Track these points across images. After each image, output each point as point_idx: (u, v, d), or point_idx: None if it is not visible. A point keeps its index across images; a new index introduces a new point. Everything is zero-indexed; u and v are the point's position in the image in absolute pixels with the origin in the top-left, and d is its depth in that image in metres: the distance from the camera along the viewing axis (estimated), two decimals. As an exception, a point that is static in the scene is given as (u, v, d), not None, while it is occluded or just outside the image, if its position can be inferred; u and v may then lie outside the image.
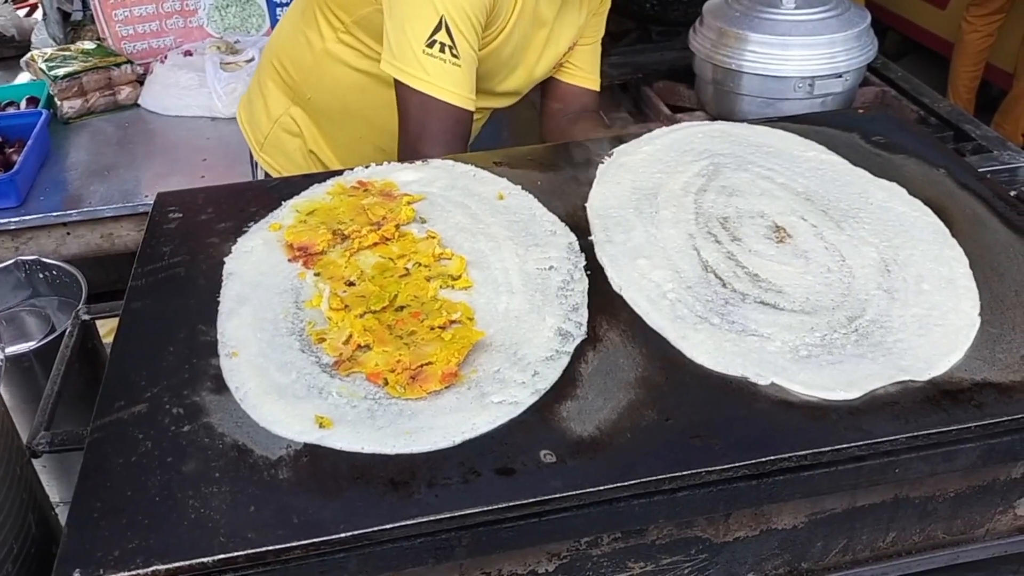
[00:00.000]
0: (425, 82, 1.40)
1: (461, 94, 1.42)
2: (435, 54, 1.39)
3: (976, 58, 4.22)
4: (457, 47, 1.39)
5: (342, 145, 1.73)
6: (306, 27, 1.64)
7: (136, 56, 2.82)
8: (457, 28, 1.39)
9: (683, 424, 0.88)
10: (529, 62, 1.63)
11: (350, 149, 1.71)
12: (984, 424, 0.88)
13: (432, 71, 1.40)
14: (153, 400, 0.93)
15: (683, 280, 1.07)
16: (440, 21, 1.38)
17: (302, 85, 1.70)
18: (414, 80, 1.41)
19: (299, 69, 1.69)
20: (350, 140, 1.71)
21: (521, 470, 0.84)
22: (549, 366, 0.95)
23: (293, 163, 1.76)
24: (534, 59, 1.64)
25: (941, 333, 0.97)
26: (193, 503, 0.82)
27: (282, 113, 1.74)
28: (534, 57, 1.63)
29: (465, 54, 1.41)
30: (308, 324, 1.01)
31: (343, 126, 1.70)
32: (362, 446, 0.86)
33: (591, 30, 1.74)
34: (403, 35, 1.40)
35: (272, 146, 1.77)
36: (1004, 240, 1.13)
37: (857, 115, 1.48)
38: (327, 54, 1.61)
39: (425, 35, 1.38)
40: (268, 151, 1.78)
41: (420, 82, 1.40)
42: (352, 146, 1.70)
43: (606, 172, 1.29)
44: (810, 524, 0.93)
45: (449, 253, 1.11)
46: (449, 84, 1.41)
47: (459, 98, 1.42)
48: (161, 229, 1.21)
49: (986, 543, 1.01)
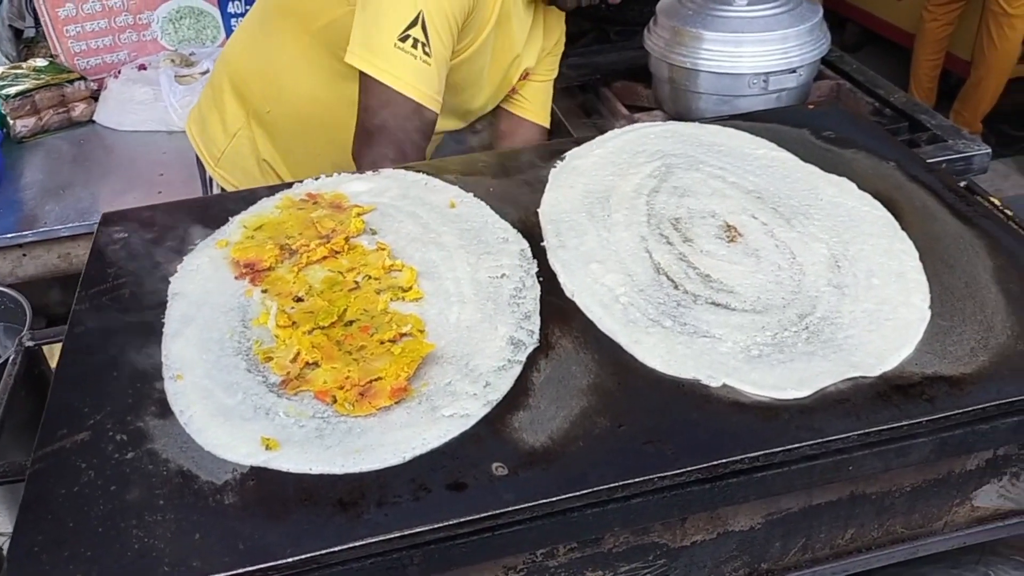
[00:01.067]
0: (391, 75, 1.36)
1: (427, 93, 1.39)
2: (407, 49, 1.35)
3: (936, 47, 4.26)
4: (430, 45, 1.36)
5: (299, 161, 1.70)
6: (266, 39, 1.62)
7: (89, 72, 2.78)
8: (433, 26, 1.36)
9: (636, 430, 0.88)
10: (495, 82, 1.63)
11: (307, 165, 1.68)
12: (935, 418, 0.88)
13: (401, 65, 1.36)
14: (96, 427, 0.91)
15: (635, 283, 1.06)
16: (418, 16, 1.35)
17: (261, 99, 1.67)
18: (380, 72, 1.37)
19: (258, 83, 1.66)
20: (308, 156, 1.68)
21: (473, 484, 0.83)
22: (501, 376, 0.94)
23: (250, 177, 1.73)
24: (499, 80, 1.64)
25: (891, 328, 0.97)
26: (137, 532, 0.80)
27: (240, 127, 1.71)
28: (499, 78, 1.63)
29: (437, 54, 1.38)
30: (255, 343, 0.99)
31: (302, 142, 1.67)
32: (310, 467, 0.84)
33: (544, 67, 1.75)
34: (376, 27, 1.37)
35: (229, 161, 1.74)
36: (953, 231, 1.13)
37: (807, 111, 1.48)
38: (287, 67, 1.59)
39: (400, 28, 1.35)
40: (225, 166, 1.75)
41: (386, 75, 1.36)
42: (309, 162, 1.67)
43: (558, 176, 1.28)
44: (767, 524, 0.93)
45: (400, 264, 1.10)
46: (416, 81, 1.37)
47: (424, 96, 1.39)
48: (106, 250, 1.18)
49: (945, 535, 1.01)
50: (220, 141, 1.75)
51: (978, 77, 4.05)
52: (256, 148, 1.71)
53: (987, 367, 0.92)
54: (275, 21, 1.60)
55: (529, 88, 1.74)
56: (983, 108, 4.10)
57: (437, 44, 1.37)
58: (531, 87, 1.74)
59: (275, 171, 1.73)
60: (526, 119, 1.76)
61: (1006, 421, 0.90)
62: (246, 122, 1.71)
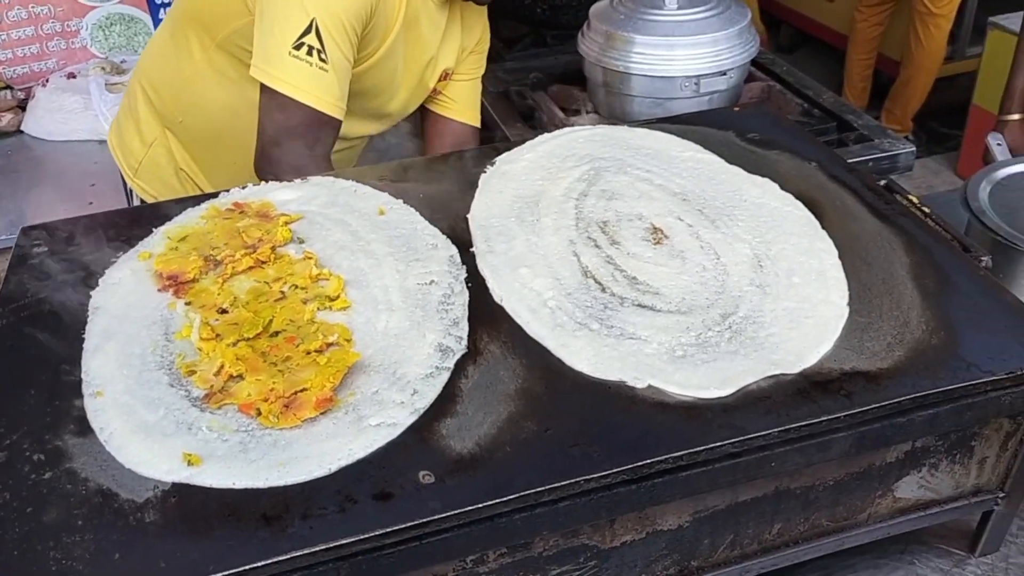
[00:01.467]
0: (288, 84, 1.37)
1: (325, 99, 1.39)
2: (302, 56, 1.35)
3: (868, 48, 4.37)
4: (326, 52, 1.36)
5: (216, 171, 1.68)
6: (176, 49, 1.60)
7: (16, 81, 2.71)
8: (328, 33, 1.36)
9: (562, 433, 0.88)
10: (411, 84, 1.62)
11: (225, 175, 1.65)
12: (853, 413, 0.90)
13: (297, 74, 1.36)
14: (12, 448, 0.89)
15: (563, 287, 1.07)
16: (311, 24, 1.34)
17: (173, 109, 1.65)
18: (276, 81, 1.37)
19: (169, 93, 1.64)
20: (224, 165, 1.65)
21: (399, 493, 0.82)
22: (428, 384, 0.94)
23: (169, 188, 1.71)
24: (415, 82, 1.63)
25: (811, 325, 0.99)
26: (54, 555, 0.78)
27: (156, 138, 1.68)
28: (415, 79, 1.62)
29: (335, 61, 1.37)
30: (178, 357, 0.98)
31: (217, 151, 1.65)
32: (233, 481, 0.83)
33: (469, 66, 1.75)
34: (271, 37, 1.37)
35: (147, 171, 1.72)
36: (872, 229, 1.16)
37: (733, 113, 1.51)
38: (197, 76, 1.57)
39: (293, 37, 1.35)
40: (143, 177, 1.72)
41: (282, 83, 1.37)
42: (227, 171, 1.64)
43: (488, 181, 1.28)
44: (695, 522, 0.94)
45: (327, 273, 1.09)
46: (313, 88, 1.37)
47: (322, 103, 1.38)
48: (25, 265, 1.16)
49: (870, 527, 1.04)
50: (137, 151, 1.73)
51: (907, 76, 4.16)
52: (173, 158, 1.69)
53: (903, 362, 0.95)
54: (183, 30, 1.59)
55: (454, 88, 1.73)
56: (912, 106, 4.21)
57: (334, 50, 1.37)
58: (456, 87, 1.73)
59: (193, 180, 1.70)
60: (453, 119, 1.75)
61: (922, 414, 0.92)
62: (161, 132, 1.68)
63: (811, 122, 2.03)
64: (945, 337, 0.98)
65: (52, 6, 2.71)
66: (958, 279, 1.07)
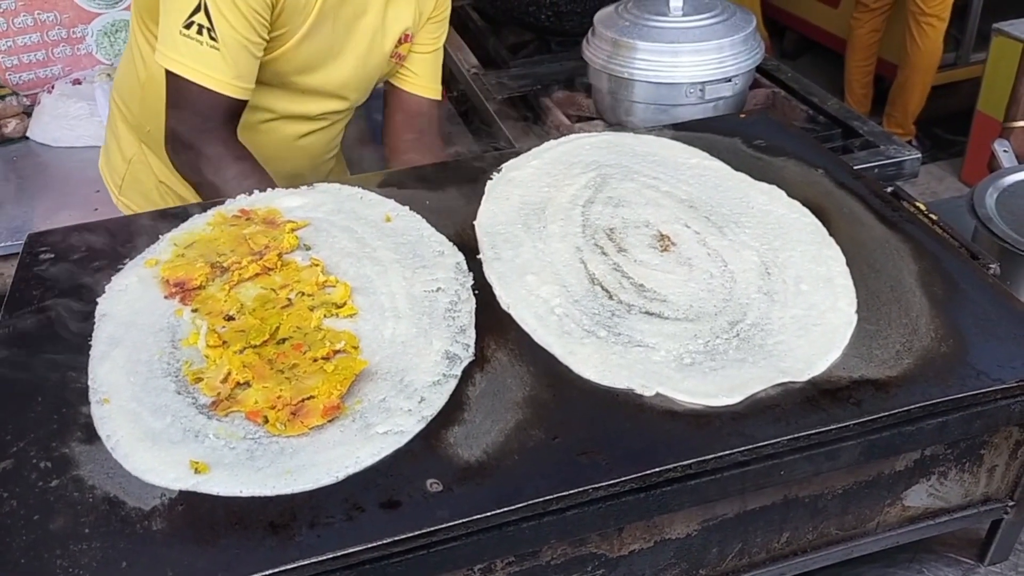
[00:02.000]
0: (177, 62, 1.38)
1: (216, 77, 1.38)
2: (192, 36, 1.36)
3: (866, 53, 4.37)
4: (216, 30, 1.36)
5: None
6: (133, 55, 1.60)
7: (22, 87, 2.71)
8: (218, 11, 1.35)
9: (570, 441, 0.88)
10: (359, 52, 1.58)
11: None
12: (863, 421, 0.89)
13: (186, 53, 1.37)
14: (19, 455, 0.89)
15: (570, 294, 1.06)
16: (199, 3, 1.35)
17: (139, 117, 1.64)
18: (167, 60, 1.38)
19: (133, 101, 1.63)
20: None
21: (407, 502, 0.82)
22: (436, 391, 0.94)
23: (150, 202, 1.70)
24: (364, 49, 1.58)
25: (820, 333, 0.99)
26: (61, 563, 0.78)
27: (135, 153, 1.68)
28: (363, 47, 1.58)
29: (227, 37, 1.37)
30: (185, 364, 0.97)
31: None
32: (240, 489, 0.83)
33: (428, 36, 1.70)
34: (166, 17, 1.38)
35: (129, 187, 1.71)
36: (879, 236, 1.15)
37: (739, 120, 1.50)
38: (151, 79, 1.55)
39: (183, 17, 1.36)
40: (126, 193, 1.72)
41: (172, 62, 1.38)
42: None
43: (494, 188, 1.28)
44: (703, 531, 0.94)
45: (333, 280, 1.09)
46: (203, 66, 1.37)
47: (211, 80, 1.38)
48: (31, 272, 1.16)
49: (878, 535, 1.03)
50: (119, 168, 1.73)
51: (904, 77, 4.16)
52: (152, 172, 1.68)
53: (912, 370, 0.95)
54: (135, 33, 1.59)
55: (415, 62, 1.69)
56: (912, 108, 4.20)
57: (224, 27, 1.36)
58: (415, 59, 1.69)
59: (173, 191, 1.69)
60: (415, 94, 1.72)
61: (931, 422, 0.92)
62: (138, 146, 1.68)
63: (816, 129, 2.03)
64: (954, 345, 0.98)
65: (58, 13, 2.71)
66: (967, 287, 1.06)
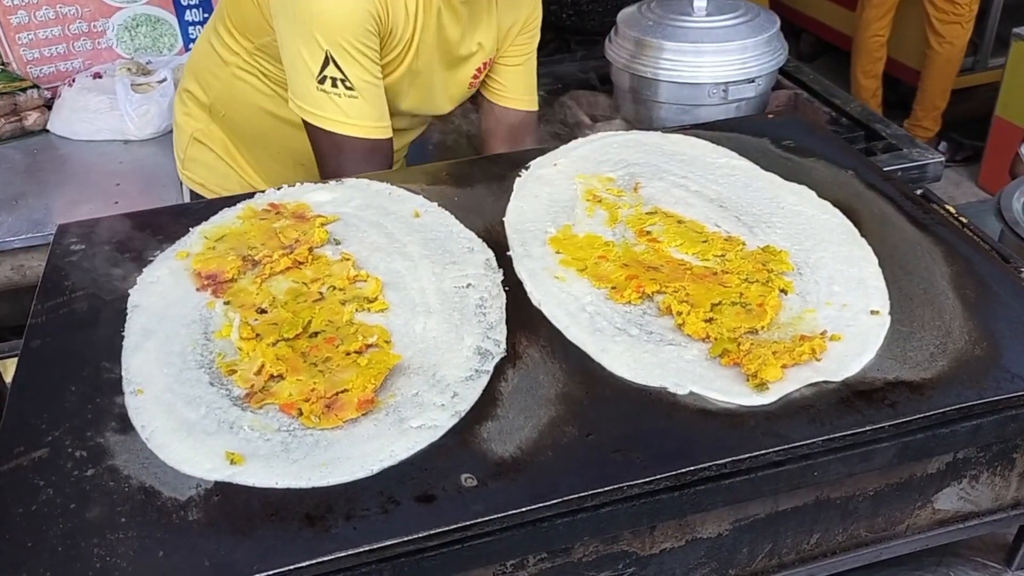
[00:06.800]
0: (326, 119, 1.40)
1: (365, 124, 1.41)
2: (328, 90, 1.38)
3: (872, 57, 4.33)
4: (350, 79, 1.37)
5: (261, 160, 1.69)
6: (218, 46, 1.61)
7: (43, 80, 2.72)
8: (345, 60, 1.36)
9: (604, 439, 0.88)
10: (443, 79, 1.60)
11: (269, 164, 1.68)
12: (898, 423, 0.89)
13: (330, 108, 1.39)
14: (55, 444, 0.89)
15: (601, 292, 1.06)
16: (326, 57, 1.36)
17: (216, 103, 1.66)
18: (316, 119, 1.40)
19: (213, 87, 1.65)
20: (267, 156, 1.67)
21: (442, 496, 0.82)
22: (468, 386, 0.94)
23: (215, 173, 1.72)
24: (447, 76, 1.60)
25: (853, 333, 0.98)
26: (98, 552, 0.78)
27: (200, 127, 1.70)
28: (447, 75, 1.60)
29: (360, 83, 1.39)
30: (218, 356, 0.98)
31: (260, 143, 1.67)
32: (276, 481, 0.83)
33: (518, 49, 1.69)
34: (296, 75, 1.40)
35: (192, 160, 1.74)
36: (911, 238, 1.15)
37: (767, 120, 1.50)
38: (235, 76, 1.58)
39: (315, 72, 1.37)
40: (188, 167, 1.75)
41: (322, 120, 1.40)
42: (270, 162, 1.67)
43: (523, 185, 1.28)
44: (735, 531, 0.94)
45: (364, 275, 1.09)
46: (350, 118, 1.40)
47: (364, 129, 1.41)
48: (62, 262, 1.16)
49: (908, 538, 1.03)
50: (183, 142, 1.75)
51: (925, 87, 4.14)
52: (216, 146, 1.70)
53: (946, 372, 0.94)
54: (220, 31, 1.60)
55: (504, 74, 1.69)
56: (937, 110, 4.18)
57: (356, 74, 1.38)
58: (505, 72, 1.69)
59: (237, 171, 1.71)
60: (509, 108, 1.72)
61: (965, 425, 0.92)
62: (207, 122, 1.70)
63: (839, 131, 2.02)
64: (988, 348, 0.97)
65: (79, 6, 2.72)
66: (999, 289, 1.06)
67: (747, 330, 0.98)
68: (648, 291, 1.04)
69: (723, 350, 0.95)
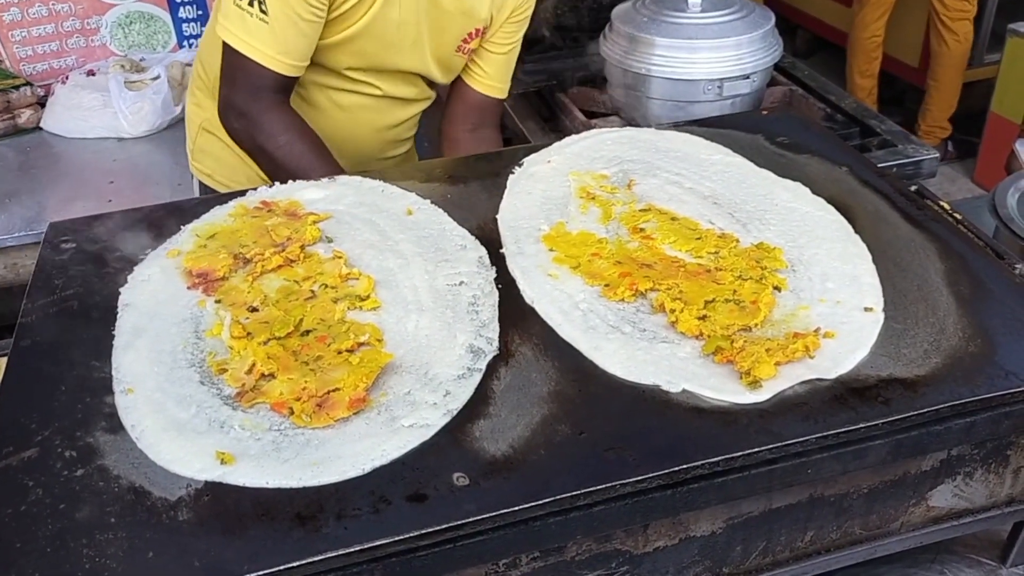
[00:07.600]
0: (230, 34, 1.43)
1: (263, 51, 1.42)
2: (244, 7, 1.41)
3: (868, 57, 4.32)
4: (267, 4, 1.39)
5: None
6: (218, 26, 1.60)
7: (36, 78, 2.71)
8: None
9: (597, 437, 0.87)
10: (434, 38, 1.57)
11: None
12: (892, 420, 0.89)
13: (237, 24, 1.42)
14: (44, 444, 0.88)
15: (594, 289, 1.06)
16: None
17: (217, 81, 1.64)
18: (223, 31, 1.43)
19: (214, 70, 1.64)
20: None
21: (433, 495, 0.82)
22: (461, 385, 0.93)
23: (223, 164, 1.71)
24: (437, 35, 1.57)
25: (847, 330, 0.98)
26: (87, 552, 0.78)
27: (208, 116, 1.69)
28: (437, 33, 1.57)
29: (278, 12, 1.39)
30: (209, 355, 0.97)
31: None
32: (266, 481, 0.83)
33: (505, 37, 1.68)
34: None
35: (201, 151, 1.73)
36: (905, 235, 1.15)
37: (761, 117, 1.50)
38: None
39: None
40: (198, 157, 1.75)
41: (225, 32, 1.43)
42: None
43: (516, 183, 1.28)
44: (728, 529, 0.93)
45: (356, 273, 1.09)
46: (251, 39, 1.42)
47: (261, 55, 1.42)
48: (53, 261, 1.15)
49: (902, 535, 1.03)
50: (192, 133, 1.75)
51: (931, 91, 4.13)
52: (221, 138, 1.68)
53: (940, 369, 0.94)
54: None
55: (487, 60, 1.68)
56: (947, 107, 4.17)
57: (276, 3, 1.39)
58: (488, 58, 1.68)
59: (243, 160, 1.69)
60: (479, 92, 1.71)
61: (959, 422, 0.91)
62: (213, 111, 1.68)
63: (834, 127, 2.03)
64: (982, 345, 0.97)
65: (72, 4, 2.71)
66: (994, 286, 1.05)
67: (740, 327, 0.98)
68: (641, 288, 1.04)
69: (716, 347, 0.95)
